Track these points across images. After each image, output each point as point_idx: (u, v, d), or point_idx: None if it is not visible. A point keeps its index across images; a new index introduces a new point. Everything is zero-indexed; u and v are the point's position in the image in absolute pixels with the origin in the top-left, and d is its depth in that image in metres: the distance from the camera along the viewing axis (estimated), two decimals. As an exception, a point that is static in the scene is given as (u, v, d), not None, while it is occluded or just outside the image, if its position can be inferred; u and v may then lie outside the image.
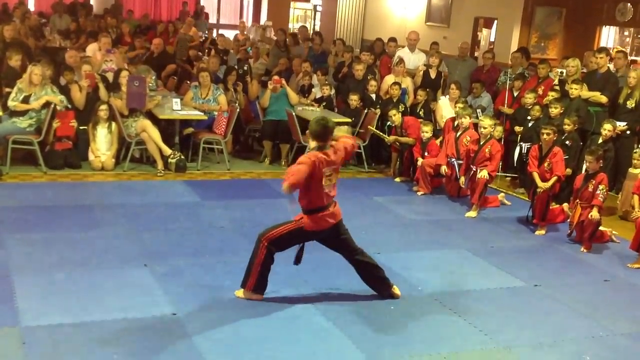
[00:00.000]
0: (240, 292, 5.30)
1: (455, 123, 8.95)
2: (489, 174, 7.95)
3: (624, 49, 10.53)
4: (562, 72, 9.37)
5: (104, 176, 8.41)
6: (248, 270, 5.26)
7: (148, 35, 13.70)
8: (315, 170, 4.97)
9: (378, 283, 5.46)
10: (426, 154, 8.89)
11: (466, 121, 8.52)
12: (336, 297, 5.45)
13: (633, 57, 11.82)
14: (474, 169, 8.10)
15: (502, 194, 8.67)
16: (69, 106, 8.65)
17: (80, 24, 14.13)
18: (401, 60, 10.63)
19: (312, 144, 5.16)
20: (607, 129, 8.12)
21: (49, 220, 6.68)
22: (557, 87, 9.23)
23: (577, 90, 8.77)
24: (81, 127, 8.68)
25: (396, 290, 5.49)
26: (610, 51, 10.10)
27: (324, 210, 5.14)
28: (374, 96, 10.21)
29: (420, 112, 10.04)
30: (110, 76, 9.55)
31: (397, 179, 9.35)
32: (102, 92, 9.00)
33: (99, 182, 8.19)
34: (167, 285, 5.41)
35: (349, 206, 7.91)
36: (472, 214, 7.96)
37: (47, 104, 8.34)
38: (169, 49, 12.52)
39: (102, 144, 8.68)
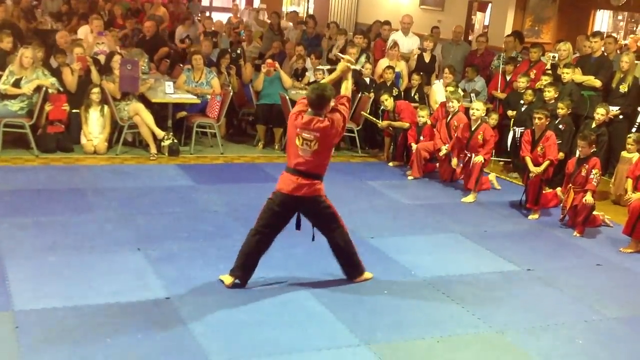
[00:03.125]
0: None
1: (448, 106, 8.94)
2: (483, 158, 7.96)
3: (614, 34, 10.51)
4: (554, 57, 9.36)
5: (96, 160, 8.37)
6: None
7: (139, 17, 13.58)
8: (291, 124, 5.04)
9: (345, 265, 5.44)
10: (421, 138, 8.88)
11: (455, 105, 8.50)
12: (329, 282, 5.46)
13: (626, 41, 11.80)
14: (468, 155, 8.10)
15: (493, 174, 8.68)
16: (61, 89, 8.58)
17: (72, 6, 13.98)
18: (395, 44, 10.59)
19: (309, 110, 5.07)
20: (600, 113, 8.14)
21: (41, 204, 6.65)
22: (550, 72, 9.22)
23: (568, 75, 8.77)
24: (73, 111, 8.63)
25: (367, 275, 5.51)
26: (604, 35, 10.09)
27: (290, 172, 5.10)
28: (368, 80, 10.17)
29: (415, 97, 10.02)
30: (102, 59, 9.48)
31: (391, 164, 9.34)
32: (94, 75, 8.93)
33: (92, 165, 8.15)
34: (160, 269, 5.40)
35: (342, 190, 7.94)
36: (469, 199, 7.97)
37: (38, 88, 8.27)
38: (162, 31, 12.42)
39: (95, 128, 8.63)
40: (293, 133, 5.06)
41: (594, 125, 8.19)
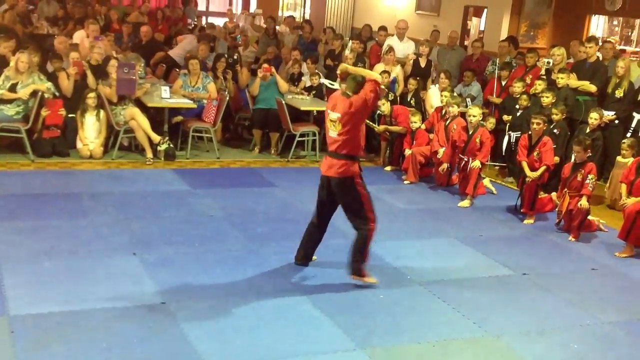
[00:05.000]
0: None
1: (444, 111, 8.97)
2: (480, 162, 7.98)
3: (611, 40, 10.55)
4: (548, 62, 9.40)
5: (92, 164, 8.36)
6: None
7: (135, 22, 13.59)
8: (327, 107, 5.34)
9: (350, 256, 5.48)
10: (414, 142, 8.90)
11: (455, 109, 8.52)
12: (326, 286, 5.46)
13: (622, 47, 11.84)
14: (465, 159, 8.12)
15: (487, 179, 8.70)
16: (57, 94, 8.58)
17: (68, 11, 14.00)
18: (391, 49, 10.60)
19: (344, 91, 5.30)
20: (594, 117, 8.19)
21: (37, 208, 6.65)
22: (544, 77, 9.25)
23: (563, 80, 8.81)
24: (69, 115, 8.62)
25: (371, 279, 5.48)
26: (599, 41, 10.12)
27: (327, 154, 5.37)
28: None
29: (411, 101, 10.04)
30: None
31: (387, 168, 9.35)
32: (90, 79, 8.93)
33: (88, 170, 8.14)
34: (156, 273, 5.40)
35: (338, 195, 7.95)
36: (465, 203, 7.98)
37: (34, 93, 8.27)
38: (158, 36, 12.44)
39: (91, 132, 8.63)
40: (326, 116, 5.37)
41: (588, 130, 8.22)
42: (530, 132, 7.77)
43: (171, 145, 8.83)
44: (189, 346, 4.40)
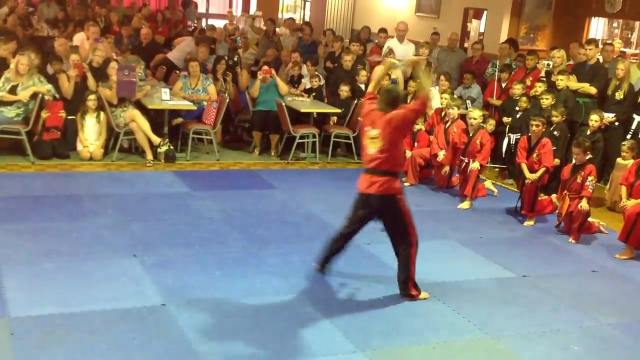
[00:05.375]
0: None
1: (443, 113, 8.97)
2: (480, 164, 7.98)
3: (612, 42, 10.56)
4: (548, 64, 9.41)
5: (92, 166, 8.37)
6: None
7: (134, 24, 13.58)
8: (361, 127, 5.24)
9: (399, 278, 5.38)
10: (415, 144, 8.90)
11: (455, 112, 8.53)
12: (325, 288, 5.47)
13: (622, 49, 11.84)
14: (466, 161, 8.12)
15: (489, 181, 8.71)
16: (57, 96, 8.58)
17: (68, 13, 14.01)
18: (391, 51, 10.62)
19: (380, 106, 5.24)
20: (594, 119, 8.19)
21: (37, 210, 6.65)
22: (544, 79, 9.26)
23: (563, 82, 8.82)
24: (69, 117, 8.63)
25: (421, 295, 5.38)
26: (599, 43, 10.13)
27: (365, 172, 5.23)
28: (363, 86, 10.19)
29: (411, 103, 10.03)
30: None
31: (387, 170, 9.33)
32: (91, 81, 8.94)
33: (88, 172, 8.15)
34: (156, 275, 5.40)
35: (338, 196, 7.95)
36: (465, 205, 7.98)
37: (34, 95, 8.28)
38: (158, 38, 12.45)
39: (91, 134, 8.63)
40: (363, 133, 5.25)
41: (588, 132, 8.23)
42: (529, 134, 7.78)
43: (171, 147, 8.83)
44: (189, 348, 4.39)
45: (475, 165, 7.92)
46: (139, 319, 4.70)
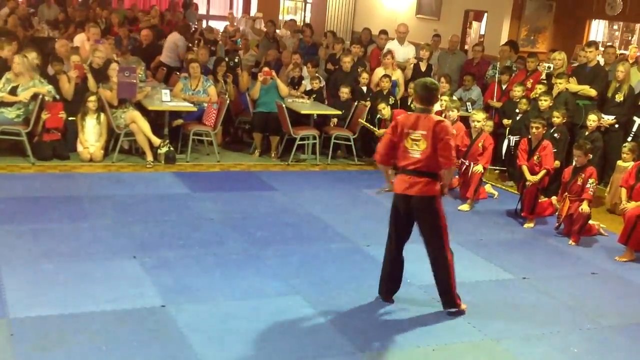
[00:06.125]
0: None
1: (443, 115, 8.95)
2: (483, 167, 7.99)
3: (613, 44, 10.59)
4: (549, 67, 9.41)
5: (92, 167, 8.37)
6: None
7: (135, 25, 13.61)
8: (396, 130, 5.03)
9: (440, 292, 5.24)
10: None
11: (454, 114, 8.53)
12: (325, 289, 5.46)
13: (622, 51, 11.86)
14: (467, 164, 8.12)
15: (489, 184, 8.71)
16: (57, 97, 8.59)
17: (68, 14, 14.02)
18: (389, 53, 10.62)
19: (416, 105, 5.13)
20: (592, 119, 8.24)
21: (37, 211, 6.65)
22: (545, 81, 9.27)
23: (561, 85, 8.82)
24: (70, 118, 8.63)
25: (462, 305, 5.25)
26: (600, 45, 10.14)
27: (404, 172, 5.07)
28: (365, 89, 10.20)
29: (412, 106, 10.03)
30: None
31: (387, 172, 9.33)
32: (91, 83, 8.94)
33: (88, 173, 8.15)
34: (156, 277, 5.40)
35: (338, 198, 7.97)
36: (465, 207, 7.98)
37: (35, 96, 8.28)
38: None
39: (91, 135, 8.63)
40: (395, 138, 5.07)
41: (586, 132, 8.25)
42: (530, 136, 7.78)
43: (171, 149, 8.83)
44: (188, 349, 4.39)
45: (478, 168, 7.93)
46: (139, 320, 4.70)
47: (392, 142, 5.12)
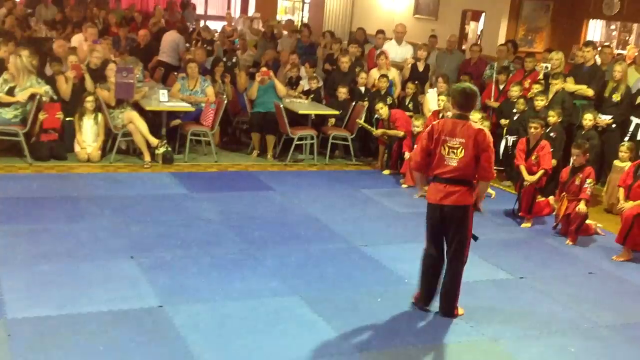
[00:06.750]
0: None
1: (440, 115, 8.96)
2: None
3: (610, 44, 10.59)
4: (547, 67, 9.42)
5: (90, 168, 8.36)
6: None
7: (131, 25, 13.61)
8: (432, 136, 4.93)
9: (442, 297, 5.20)
10: (414, 146, 8.90)
11: (450, 114, 8.52)
12: (323, 290, 5.46)
13: (619, 51, 11.86)
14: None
15: (487, 184, 8.71)
16: (55, 97, 8.58)
17: (66, 15, 14.01)
18: (382, 53, 10.61)
19: (453, 111, 5.03)
20: (587, 118, 8.29)
21: (35, 211, 6.64)
22: (542, 81, 9.27)
23: (557, 85, 8.83)
24: (67, 119, 8.63)
25: (460, 310, 5.22)
26: (597, 45, 10.15)
27: (438, 180, 4.95)
28: (362, 89, 10.20)
29: (409, 105, 10.06)
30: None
31: (386, 172, 9.35)
32: (89, 83, 8.94)
33: (85, 173, 8.14)
34: (153, 277, 5.40)
35: (336, 198, 7.97)
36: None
37: (32, 96, 8.28)
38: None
39: (88, 136, 8.63)
40: (430, 145, 4.97)
41: (583, 131, 8.27)
42: (528, 136, 7.79)
43: (169, 149, 8.83)
44: (186, 350, 4.39)
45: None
46: (136, 321, 4.70)
47: (428, 149, 5.00)
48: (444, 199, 4.94)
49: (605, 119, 8.68)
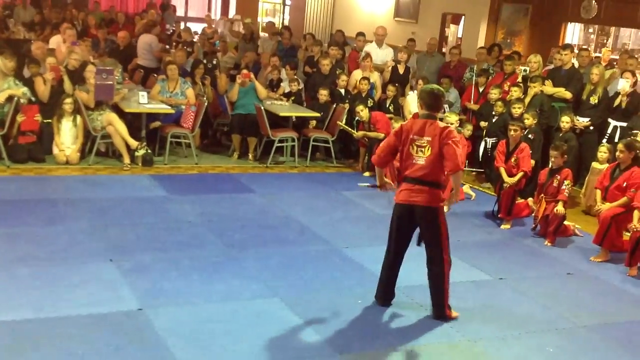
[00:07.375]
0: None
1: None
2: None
3: (588, 47, 10.71)
4: (525, 69, 9.50)
5: (68, 170, 8.29)
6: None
7: (111, 27, 13.53)
8: (400, 136, 5.02)
9: (433, 300, 5.22)
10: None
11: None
12: (304, 292, 5.46)
13: (597, 54, 11.99)
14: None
15: (467, 185, 8.76)
16: (33, 99, 8.50)
17: (44, 16, 13.91)
18: (367, 55, 10.65)
19: (421, 112, 5.08)
20: (565, 121, 8.37)
21: (12, 214, 6.57)
22: (521, 84, 9.35)
23: (535, 88, 8.92)
24: (45, 121, 8.55)
25: (453, 313, 5.21)
26: (575, 48, 10.26)
27: (407, 181, 5.03)
28: (343, 91, 10.22)
29: (390, 107, 10.09)
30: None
31: (366, 174, 9.37)
32: (67, 85, 8.87)
33: (64, 176, 8.07)
34: (133, 280, 5.36)
35: (317, 200, 7.97)
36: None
37: (9, 99, 8.19)
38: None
39: (67, 138, 8.56)
40: (398, 144, 5.06)
41: (560, 134, 8.36)
42: (507, 139, 7.85)
43: (149, 151, 8.78)
44: (166, 353, 4.37)
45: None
46: (116, 324, 4.66)
47: (394, 147, 5.12)
48: (413, 197, 5.03)
49: (583, 121, 8.78)
